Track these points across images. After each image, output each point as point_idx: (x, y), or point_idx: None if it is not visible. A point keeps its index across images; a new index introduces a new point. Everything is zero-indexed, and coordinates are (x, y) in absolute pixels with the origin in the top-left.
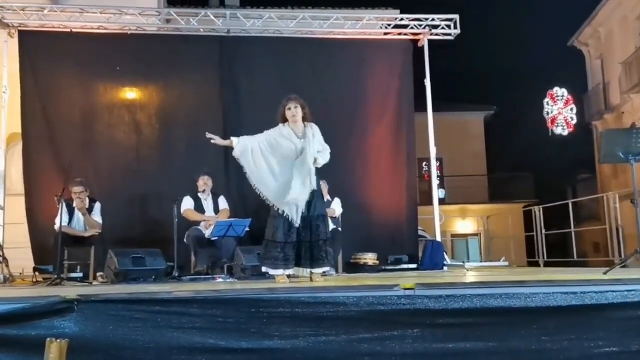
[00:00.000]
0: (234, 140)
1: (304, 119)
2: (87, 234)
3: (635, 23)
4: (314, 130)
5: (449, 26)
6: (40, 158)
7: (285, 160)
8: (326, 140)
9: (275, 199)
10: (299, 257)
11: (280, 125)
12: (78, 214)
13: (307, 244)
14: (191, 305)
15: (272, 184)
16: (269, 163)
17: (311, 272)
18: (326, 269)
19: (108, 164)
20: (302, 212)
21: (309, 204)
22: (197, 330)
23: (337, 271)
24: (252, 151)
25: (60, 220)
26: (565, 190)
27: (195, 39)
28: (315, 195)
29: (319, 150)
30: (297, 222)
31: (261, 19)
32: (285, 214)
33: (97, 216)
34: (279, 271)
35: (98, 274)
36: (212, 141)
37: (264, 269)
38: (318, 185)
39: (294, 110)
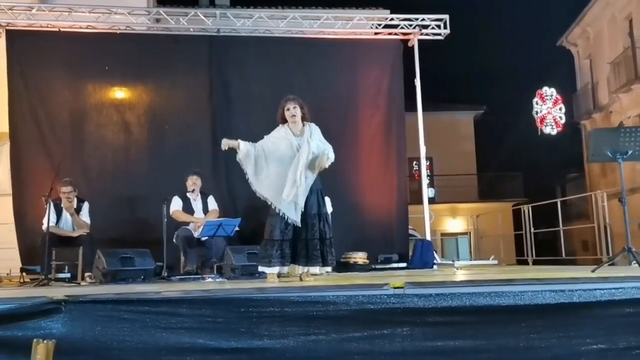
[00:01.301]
0: (241, 143)
1: (303, 119)
2: (75, 234)
3: (623, 23)
4: (312, 129)
5: (439, 26)
6: (29, 158)
7: (283, 159)
8: None
9: (273, 198)
10: (295, 254)
11: (280, 126)
12: (66, 214)
13: (302, 241)
14: (180, 306)
15: (272, 184)
16: (269, 165)
17: (302, 272)
18: (327, 268)
19: (97, 164)
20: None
21: (306, 202)
22: (186, 330)
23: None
24: (255, 158)
25: (48, 221)
26: (554, 189)
27: (185, 38)
28: (313, 193)
29: (324, 150)
30: (296, 221)
31: (251, 19)
32: (281, 213)
33: (85, 216)
34: (275, 269)
35: (86, 274)
36: (223, 143)
37: (260, 268)
38: (318, 184)
39: (293, 111)
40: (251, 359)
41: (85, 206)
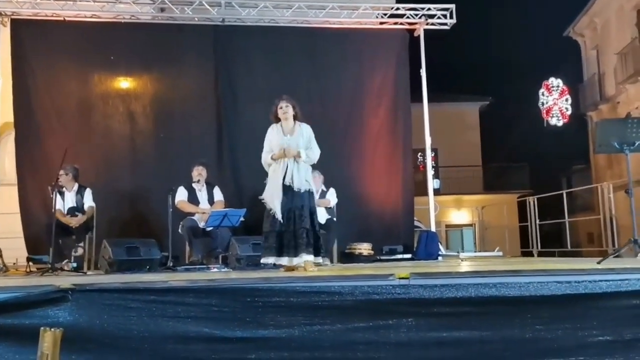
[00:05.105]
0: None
1: (295, 118)
2: (74, 224)
3: (631, 13)
4: (303, 130)
5: (445, 16)
6: (34, 148)
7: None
8: (321, 131)
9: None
10: (286, 246)
11: (273, 125)
12: (67, 203)
13: (290, 233)
14: (186, 295)
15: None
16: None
17: (305, 262)
18: (315, 257)
19: (103, 155)
20: (289, 203)
21: (296, 196)
22: (192, 319)
23: (332, 261)
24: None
25: (54, 209)
26: (559, 180)
27: (190, 28)
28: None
29: (308, 148)
30: (278, 214)
31: (256, 8)
32: (272, 211)
33: (88, 201)
34: (270, 259)
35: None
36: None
37: (262, 260)
38: (307, 176)
39: (285, 109)
40: (257, 348)
41: (88, 192)
